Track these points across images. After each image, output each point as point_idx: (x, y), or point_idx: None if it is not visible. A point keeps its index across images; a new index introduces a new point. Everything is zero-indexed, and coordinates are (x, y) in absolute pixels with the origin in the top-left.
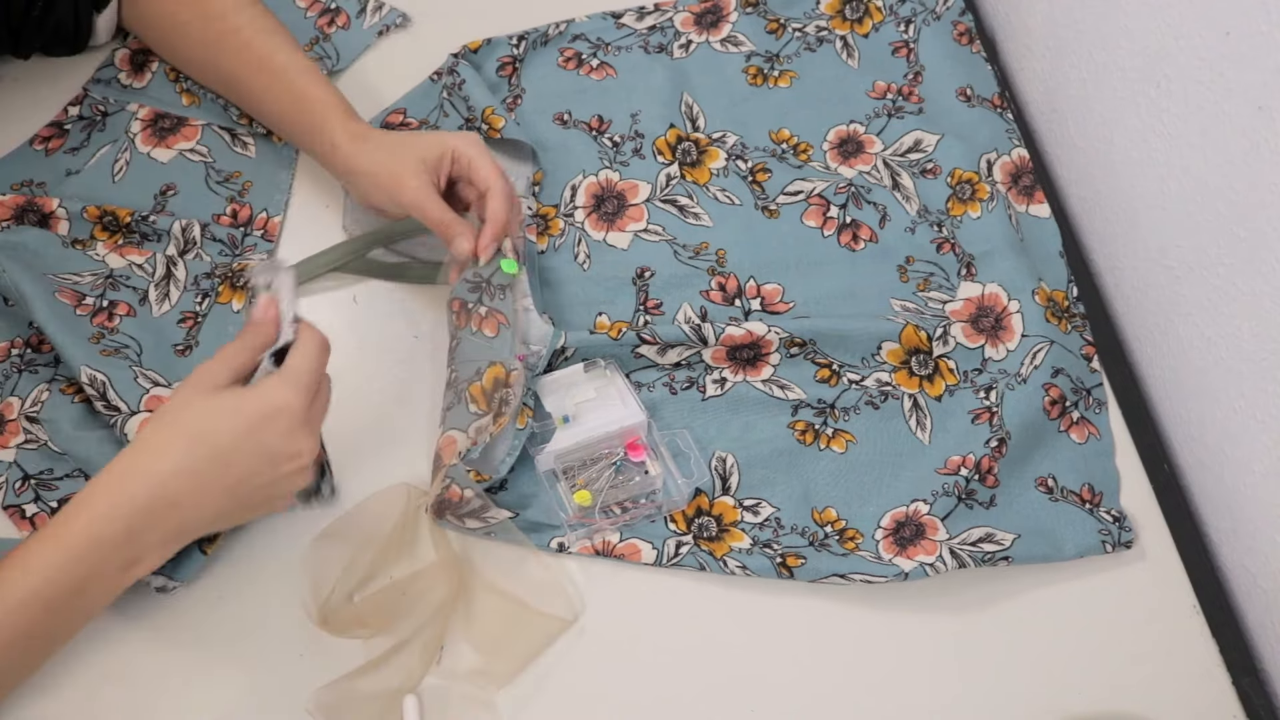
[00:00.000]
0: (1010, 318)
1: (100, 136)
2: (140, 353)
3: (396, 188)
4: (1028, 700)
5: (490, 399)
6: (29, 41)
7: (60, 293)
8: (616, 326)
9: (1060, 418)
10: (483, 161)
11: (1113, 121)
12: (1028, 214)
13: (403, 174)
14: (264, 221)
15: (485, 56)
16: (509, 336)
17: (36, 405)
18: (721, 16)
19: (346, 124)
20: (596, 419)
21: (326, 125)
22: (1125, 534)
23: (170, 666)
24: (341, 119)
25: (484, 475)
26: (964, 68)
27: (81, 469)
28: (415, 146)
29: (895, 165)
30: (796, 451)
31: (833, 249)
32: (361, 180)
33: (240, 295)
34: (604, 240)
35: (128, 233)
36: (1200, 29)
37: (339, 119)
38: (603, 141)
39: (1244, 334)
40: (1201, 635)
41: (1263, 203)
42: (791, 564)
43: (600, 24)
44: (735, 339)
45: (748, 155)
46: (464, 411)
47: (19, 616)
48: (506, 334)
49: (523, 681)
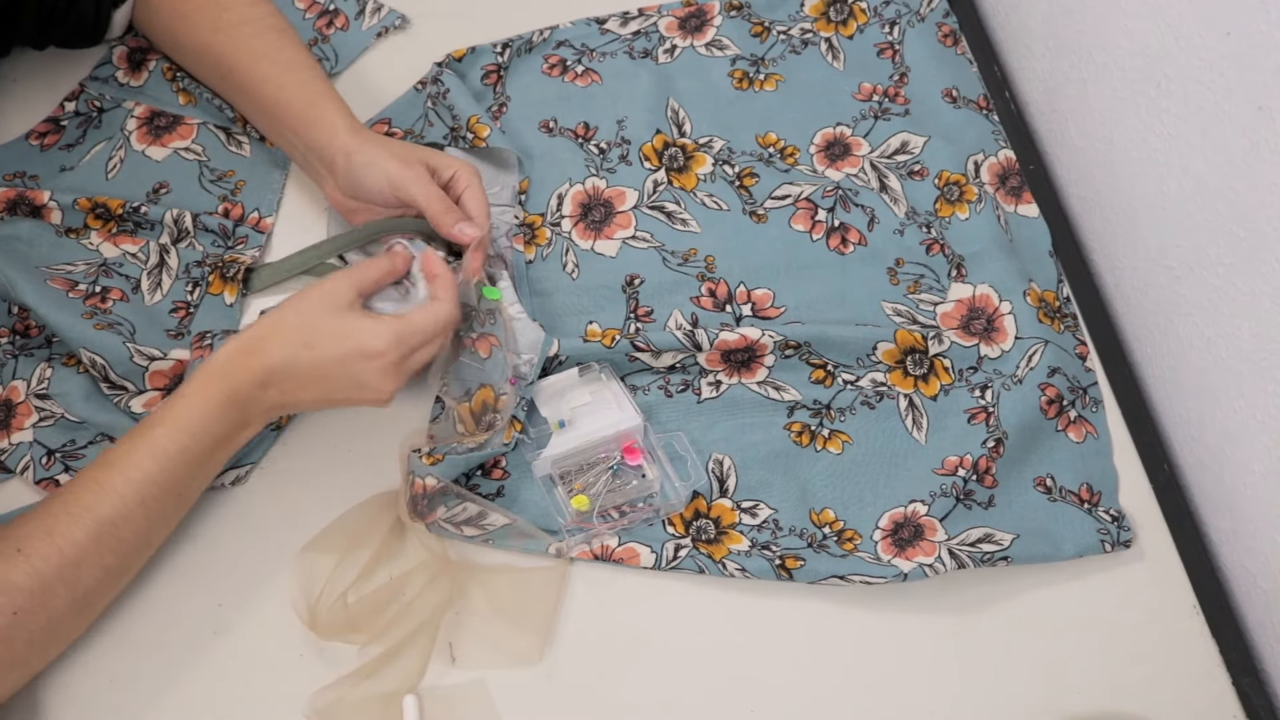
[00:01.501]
0: (1002, 319)
1: (96, 133)
2: (134, 331)
3: (397, 169)
4: (1028, 700)
5: (479, 421)
6: (51, 34)
7: (52, 281)
8: (609, 334)
9: (1058, 417)
10: (476, 192)
11: (1113, 121)
12: (1016, 214)
13: (406, 157)
14: (256, 220)
15: (470, 65)
16: (501, 358)
17: (43, 383)
18: (706, 20)
19: (350, 117)
20: (592, 423)
21: (330, 114)
22: (1124, 533)
23: (170, 667)
24: (347, 113)
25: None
26: (949, 69)
27: (105, 433)
28: (421, 150)
29: (883, 167)
30: (793, 453)
31: (822, 252)
32: (357, 159)
33: (231, 287)
34: (592, 249)
35: (121, 221)
36: (1200, 29)
37: (343, 110)
38: (589, 149)
39: (1244, 334)
40: (1201, 635)
41: (1263, 203)
42: (790, 565)
43: (585, 30)
44: (729, 343)
45: (735, 160)
46: (449, 429)
47: (171, 470)
48: (499, 356)
49: (523, 682)
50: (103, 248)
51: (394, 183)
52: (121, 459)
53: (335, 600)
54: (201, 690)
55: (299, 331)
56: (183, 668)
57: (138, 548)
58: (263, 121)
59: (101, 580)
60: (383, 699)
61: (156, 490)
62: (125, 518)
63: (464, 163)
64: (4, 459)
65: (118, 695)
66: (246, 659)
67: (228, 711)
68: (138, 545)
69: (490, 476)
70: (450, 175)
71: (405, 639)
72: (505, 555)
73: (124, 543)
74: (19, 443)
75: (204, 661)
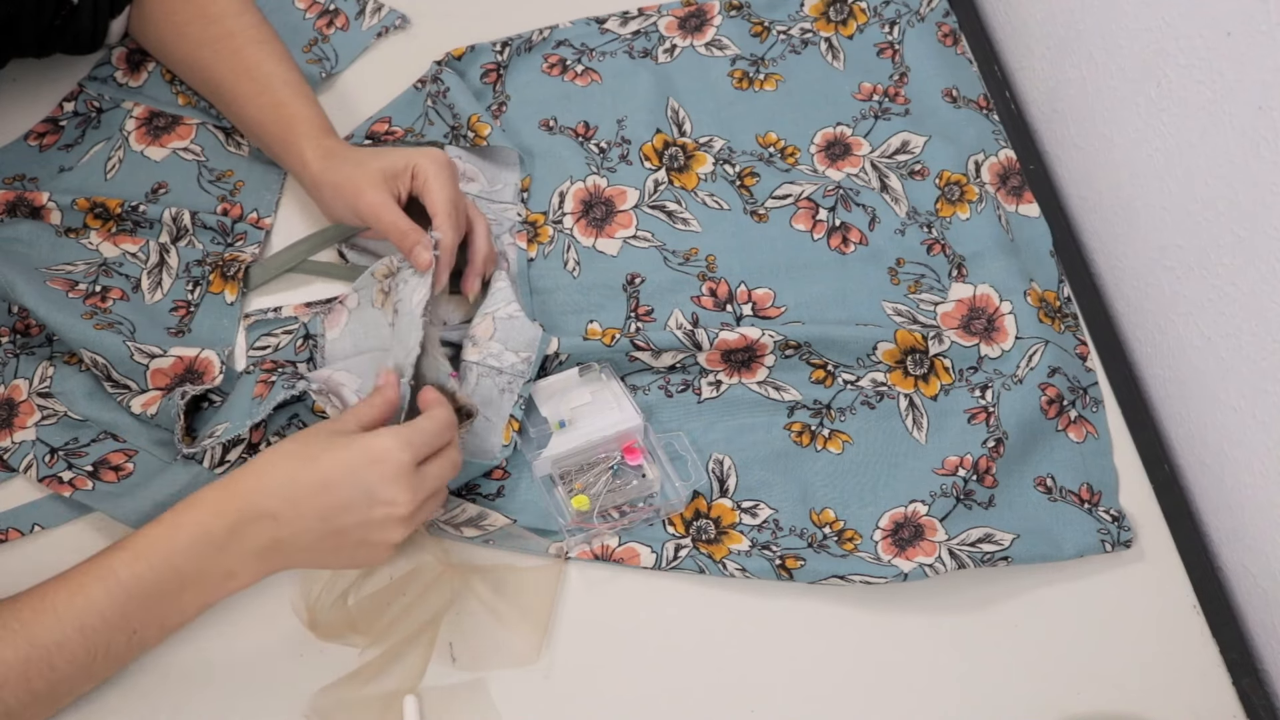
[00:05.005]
0: (1002, 319)
1: (95, 134)
2: (134, 330)
3: (355, 197)
4: (1028, 700)
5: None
6: (50, 46)
7: (52, 281)
8: (609, 333)
9: (1058, 417)
10: (438, 184)
11: (1113, 121)
12: (1017, 214)
13: (363, 184)
14: (255, 220)
15: (469, 63)
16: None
17: (44, 381)
18: (706, 20)
19: (320, 140)
20: (593, 423)
21: (299, 141)
22: (1124, 533)
23: (170, 668)
24: (315, 135)
25: None
26: (949, 69)
27: (108, 431)
28: (380, 160)
29: (883, 167)
30: (793, 453)
31: (823, 252)
32: (325, 192)
33: (232, 286)
34: (593, 247)
35: (120, 221)
36: (1200, 29)
37: (313, 135)
38: (589, 148)
39: (1244, 334)
40: (1201, 635)
41: (1263, 203)
42: (790, 565)
43: (584, 29)
44: (729, 343)
45: (735, 159)
46: None
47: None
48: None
49: (523, 682)
50: (102, 247)
51: (359, 215)
52: (75, 578)
53: (335, 600)
54: (202, 690)
55: (300, 450)
56: (183, 668)
57: (71, 677)
58: (250, 138)
59: (26, 702)
60: (383, 699)
61: (99, 622)
62: (59, 644)
63: (424, 153)
64: (7, 457)
65: (117, 695)
66: (246, 659)
67: (228, 711)
68: (71, 675)
69: (490, 476)
70: (409, 175)
71: (405, 639)
72: (505, 555)
73: (55, 670)
74: (21, 441)
75: (204, 661)
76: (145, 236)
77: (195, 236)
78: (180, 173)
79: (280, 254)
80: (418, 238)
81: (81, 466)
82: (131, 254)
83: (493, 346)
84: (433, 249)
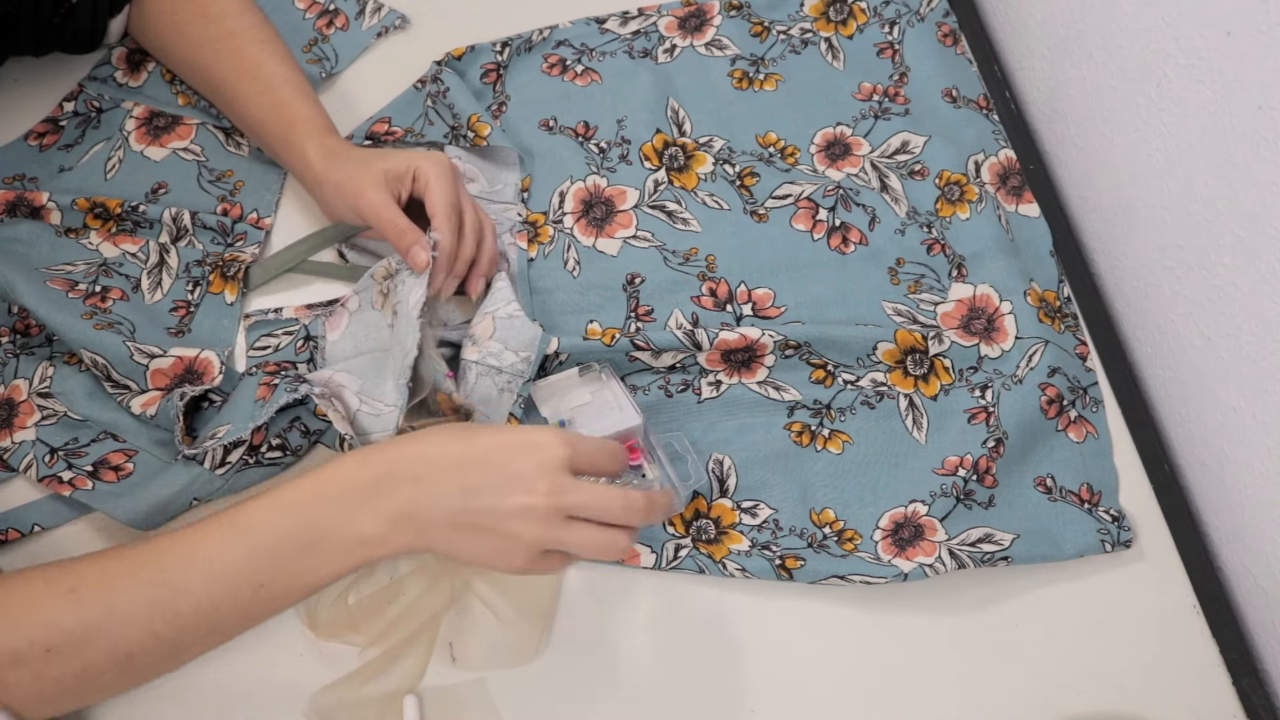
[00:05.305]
0: (1002, 319)
1: (95, 133)
2: (134, 330)
3: (356, 196)
4: (1028, 700)
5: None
6: (49, 45)
7: (52, 281)
8: (609, 333)
9: (1058, 417)
10: (439, 186)
11: (1113, 121)
12: (1017, 214)
13: (365, 183)
14: (255, 220)
15: (469, 63)
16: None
17: (44, 381)
18: (706, 20)
19: (322, 140)
20: (592, 423)
21: (302, 140)
22: (1124, 533)
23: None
24: (318, 135)
25: None
26: (949, 69)
27: (108, 431)
28: (382, 160)
29: (883, 167)
30: (793, 453)
31: (823, 252)
32: (327, 190)
33: (232, 286)
34: (594, 246)
35: (120, 221)
36: (1200, 29)
37: (315, 134)
38: (589, 148)
39: (1244, 334)
40: (1201, 635)
41: (1263, 203)
42: (790, 565)
43: (584, 29)
44: (729, 343)
45: (735, 159)
46: None
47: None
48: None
49: (523, 682)
50: (102, 247)
51: (359, 214)
52: (207, 522)
53: (335, 600)
54: (202, 690)
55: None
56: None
57: (195, 627)
58: (251, 137)
59: (148, 646)
60: (383, 699)
61: (223, 569)
62: (185, 588)
63: (426, 156)
64: (7, 457)
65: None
66: (246, 659)
67: (228, 711)
68: (196, 625)
69: None
70: (411, 177)
71: (405, 639)
72: None
73: (180, 615)
74: (21, 441)
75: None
76: (145, 236)
77: (195, 236)
78: (180, 173)
79: (280, 254)
80: (415, 238)
81: (81, 466)
82: (131, 254)
83: (492, 346)
84: (430, 250)
